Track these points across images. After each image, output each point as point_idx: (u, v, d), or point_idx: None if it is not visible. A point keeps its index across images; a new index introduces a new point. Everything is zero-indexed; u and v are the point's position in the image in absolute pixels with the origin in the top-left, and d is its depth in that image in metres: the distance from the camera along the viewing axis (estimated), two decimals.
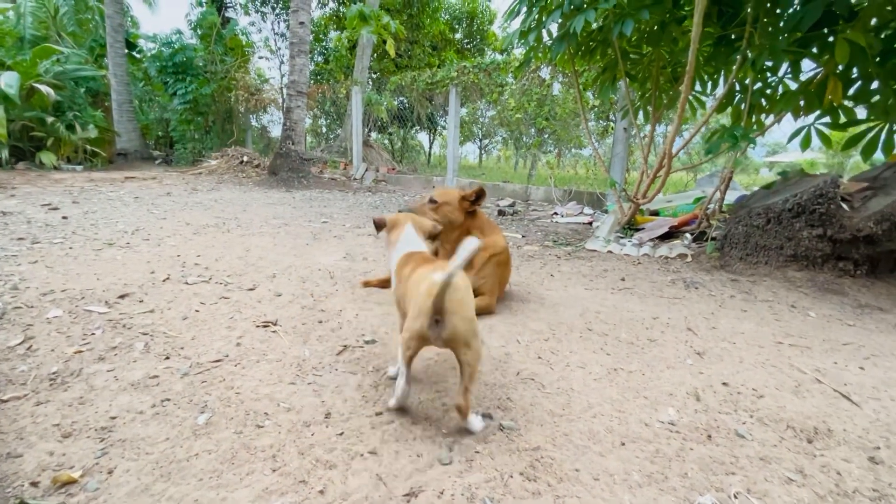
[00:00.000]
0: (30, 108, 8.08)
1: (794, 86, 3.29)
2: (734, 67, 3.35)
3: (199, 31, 10.86)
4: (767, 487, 1.05)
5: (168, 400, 1.26)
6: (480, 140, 17.17)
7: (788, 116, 3.47)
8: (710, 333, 2.00)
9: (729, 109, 3.89)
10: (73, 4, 11.57)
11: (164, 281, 2.35)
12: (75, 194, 5.48)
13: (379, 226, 1.52)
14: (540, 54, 4.35)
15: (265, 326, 1.83)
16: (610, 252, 3.73)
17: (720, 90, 3.84)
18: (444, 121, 13.42)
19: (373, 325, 1.88)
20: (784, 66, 3.24)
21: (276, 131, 12.83)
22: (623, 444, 1.19)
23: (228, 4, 13.83)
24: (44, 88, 7.96)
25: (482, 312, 2.03)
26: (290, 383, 1.39)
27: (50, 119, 8.22)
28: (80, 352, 1.53)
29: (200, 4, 12.17)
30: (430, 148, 16.89)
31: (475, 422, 1.18)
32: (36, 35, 10.67)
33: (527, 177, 9.75)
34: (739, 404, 1.41)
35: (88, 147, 8.89)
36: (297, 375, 1.44)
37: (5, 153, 7.56)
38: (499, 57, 9.83)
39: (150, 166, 10.04)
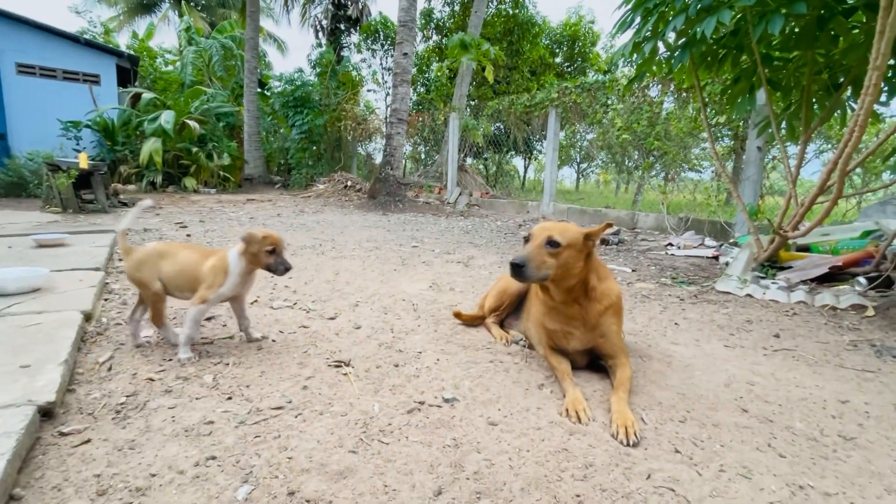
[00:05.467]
0: (181, 140, 9.52)
1: None
2: None
3: (318, 69, 12.01)
4: None
5: (214, 458, 1.08)
6: (578, 164, 16.37)
7: None
8: None
9: None
10: (223, 53, 13.62)
11: (251, 304, 2.33)
12: (204, 214, 6.16)
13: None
14: (655, 67, 3.82)
15: (337, 367, 1.63)
16: (749, 296, 3.01)
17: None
18: (541, 145, 13.02)
19: (454, 377, 1.59)
20: None
21: (379, 158, 13.58)
22: None
23: (344, 44, 15.22)
24: (192, 123, 9.34)
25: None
26: (351, 451, 1.13)
27: (194, 149, 9.59)
28: (152, 380, 1.46)
29: (320, 45, 13.53)
30: (525, 172, 16.56)
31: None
32: (193, 80, 12.72)
33: (631, 202, 8.87)
34: None
35: (221, 173, 10.17)
36: (361, 440, 1.18)
37: (159, 178, 8.94)
38: (602, 77, 9.28)
39: (269, 190, 11.18)
